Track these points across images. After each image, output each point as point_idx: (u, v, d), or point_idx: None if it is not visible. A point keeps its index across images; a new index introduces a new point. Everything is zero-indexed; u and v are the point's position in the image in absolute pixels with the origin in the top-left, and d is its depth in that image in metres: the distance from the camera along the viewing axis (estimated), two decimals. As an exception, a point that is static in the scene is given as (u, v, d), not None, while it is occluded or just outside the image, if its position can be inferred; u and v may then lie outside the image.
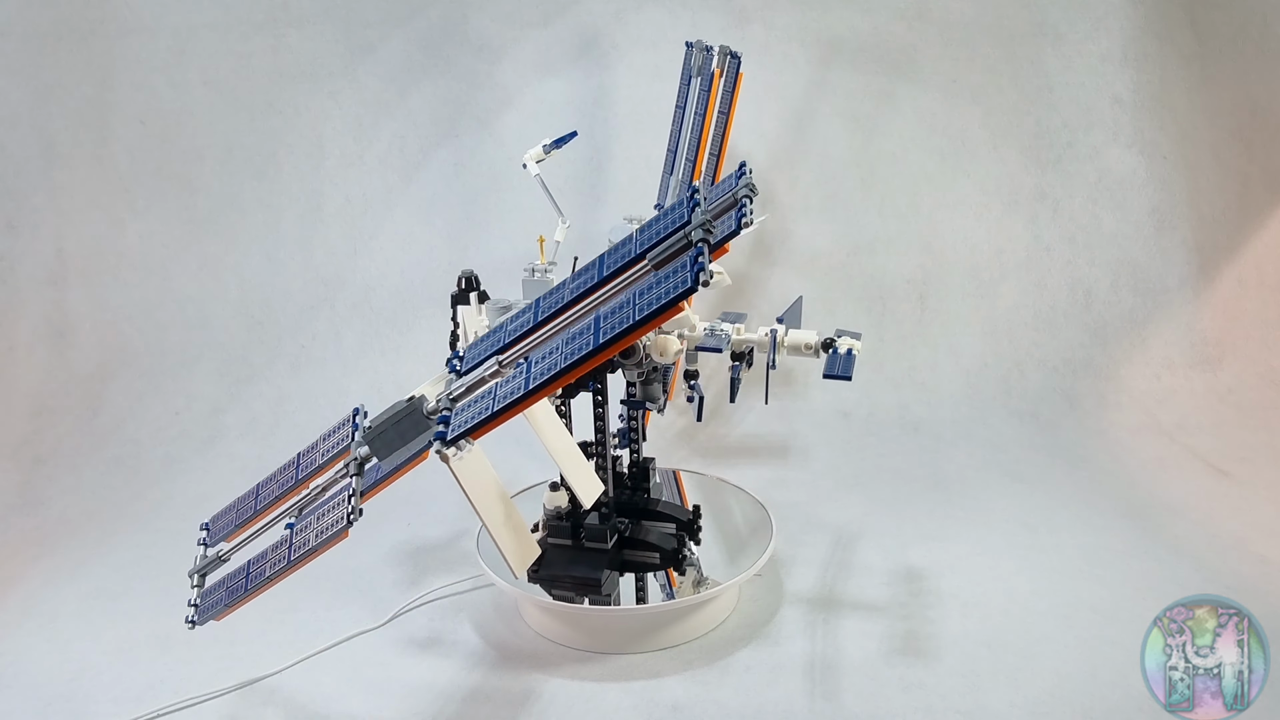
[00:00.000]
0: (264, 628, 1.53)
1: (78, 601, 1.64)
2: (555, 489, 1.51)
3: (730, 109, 1.79)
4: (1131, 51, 2.39)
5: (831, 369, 1.31)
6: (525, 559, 1.17)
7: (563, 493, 1.50)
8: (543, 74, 2.40)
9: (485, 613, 1.56)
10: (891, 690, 1.33)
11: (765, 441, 2.19)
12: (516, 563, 1.15)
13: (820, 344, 1.35)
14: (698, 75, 1.79)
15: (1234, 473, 1.98)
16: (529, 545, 1.19)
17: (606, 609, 1.41)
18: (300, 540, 1.12)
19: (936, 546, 1.72)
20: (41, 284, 2.38)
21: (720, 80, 1.78)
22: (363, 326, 2.39)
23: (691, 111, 1.78)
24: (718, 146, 1.78)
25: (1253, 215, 2.46)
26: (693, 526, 1.57)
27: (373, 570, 1.71)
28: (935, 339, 2.40)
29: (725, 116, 1.78)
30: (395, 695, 1.36)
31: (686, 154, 1.76)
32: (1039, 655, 1.40)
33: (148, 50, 2.36)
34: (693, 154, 1.75)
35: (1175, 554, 1.67)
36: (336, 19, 2.38)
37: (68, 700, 1.38)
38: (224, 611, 1.20)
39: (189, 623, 1.22)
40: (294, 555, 1.11)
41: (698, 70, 1.79)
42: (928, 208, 2.43)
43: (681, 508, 1.60)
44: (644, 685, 1.36)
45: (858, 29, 2.36)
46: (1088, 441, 2.15)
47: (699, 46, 1.79)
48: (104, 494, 2.06)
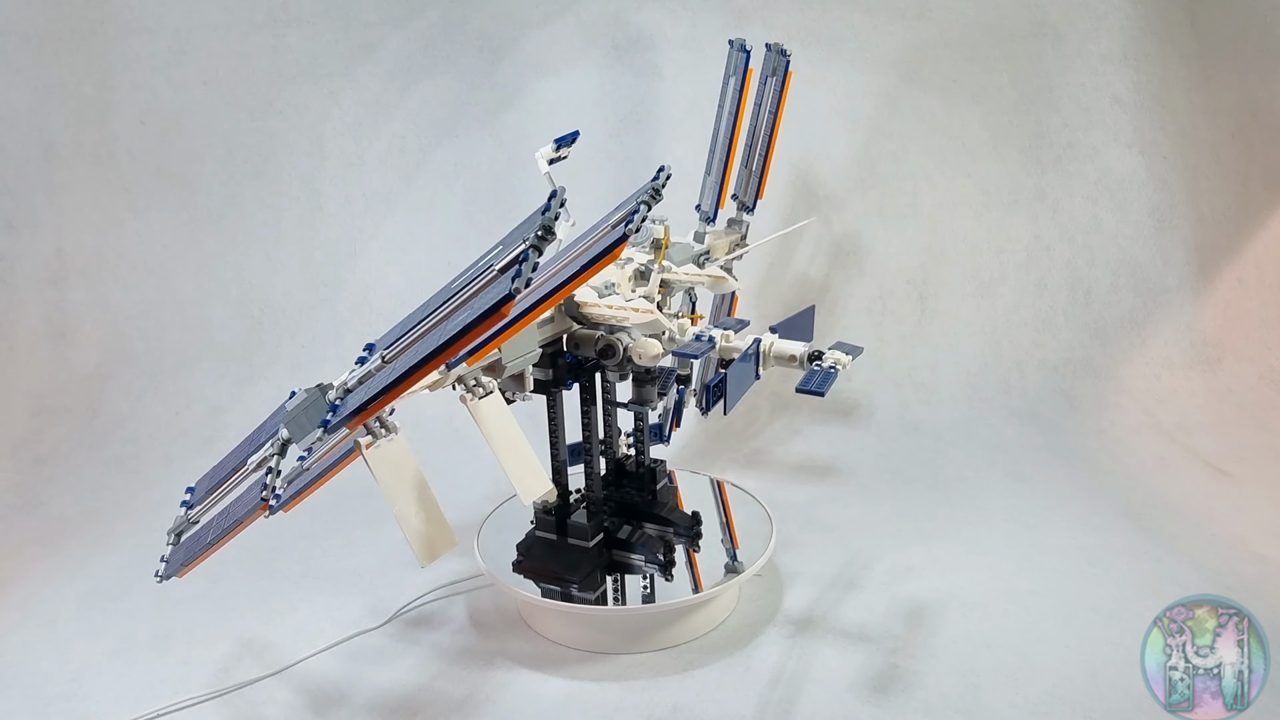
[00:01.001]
0: (264, 628, 1.53)
1: (78, 601, 1.64)
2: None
3: (779, 109, 1.75)
4: (1131, 51, 2.39)
5: (805, 384, 1.24)
6: (434, 548, 1.17)
7: (551, 489, 1.51)
8: (543, 74, 2.40)
9: (485, 613, 1.56)
10: (892, 689, 1.33)
11: (765, 441, 2.19)
12: (421, 550, 1.15)
13: (806, 356, 1.29)
14: (734, 74, 1.73)
15: (1234, 473, 1.98)
16: (441, 535, 1.18)
17: (606, 609, 1.41)
18: (234, 511, 1.15)
19: (937, 546, 1.72)
20: (41, 284, 2.38)
21: (753, 80, 1.73)
22: (362, 326, 2.39)
23: (727, 112, 1.72)
24: (765, 148, 1.75)
25: (1253, 215, 2.46)
26: (692, 532, 1.56)
27: (373, 570, 1.71)
28: (935, 339, 2.40)
29: (774, 116, 1.74)
30: (395, 695, 1.36)
31: (719, 155, 1.73)
32: (1039, 655, 1.40)
33: (148, 50, 2.36)
34: (725, 155, 1.72)
35: (1175, 554, 1.67)
36: (336, 19, 2.38)
37: (68, 700, 1.38)
38: (181, 570, 1.22)
39: (157, 577, 1.25)
40: (227, 524, 1.15)
41: (735, 69, 1.73)
42: (928, 208, 2.43)
43: (682, 514, 1.60)
44: (644, 685, 1.36)
45: (858, 29, 2.37)
46: (1088, 441, 2.15)
47: (738, 45, 1.72)
48: (104, 494, 2.06)
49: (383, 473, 1.11)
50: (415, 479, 1.16)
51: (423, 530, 1.15)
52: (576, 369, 1.44)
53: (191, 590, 1.67)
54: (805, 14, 2.36)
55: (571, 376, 1.43)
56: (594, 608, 1.41)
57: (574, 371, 1.43)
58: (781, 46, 1.77)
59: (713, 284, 1.49)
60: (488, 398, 1.27)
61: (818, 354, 1.28)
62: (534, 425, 1.70)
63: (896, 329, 2.42)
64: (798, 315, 1.40)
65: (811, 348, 1.29)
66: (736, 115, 1.71)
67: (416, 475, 1.17)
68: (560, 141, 1.51)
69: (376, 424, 1.12)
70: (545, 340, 1.35)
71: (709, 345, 1.33)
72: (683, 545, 1.56)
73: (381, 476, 1.11)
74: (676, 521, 1.57)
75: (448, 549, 1.18)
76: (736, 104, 1.71)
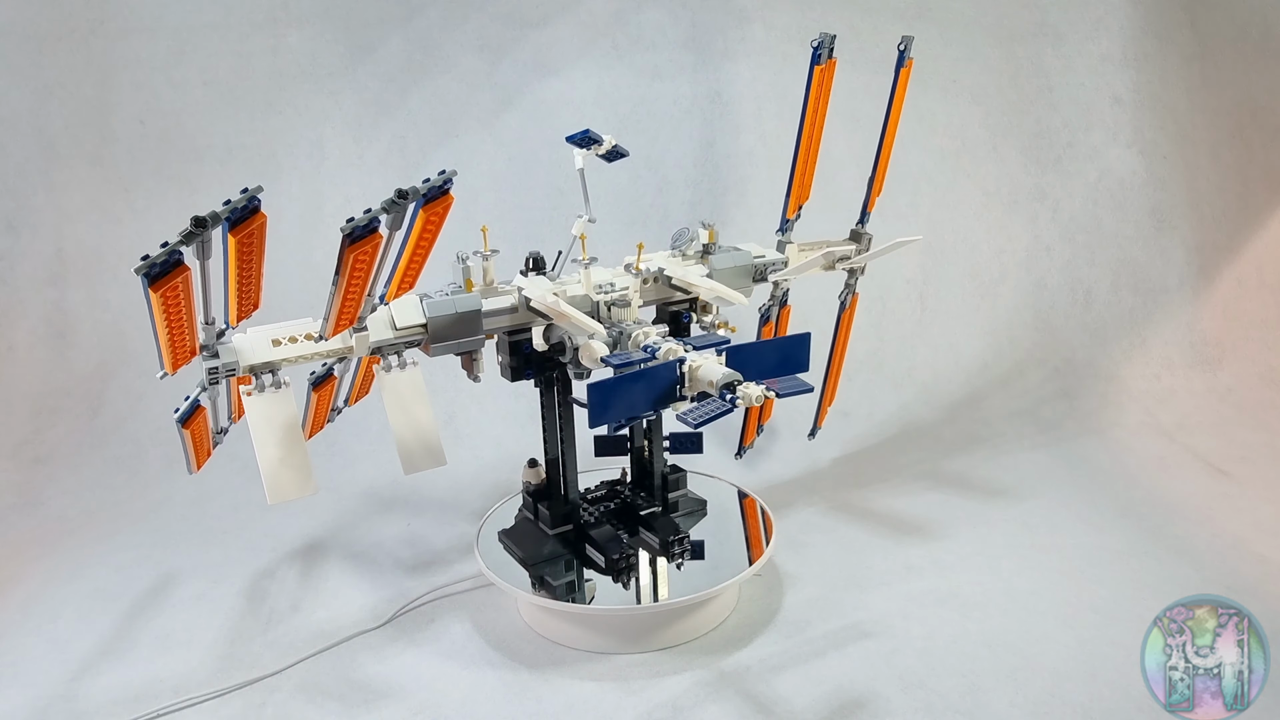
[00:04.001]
0: (264, 628, 1.53)
1: (78, 601, 1.64)
2: (532, 465, 1.57)
3: (895, 107, 1.71)
4: (1131, 51, 2.39)
5: (684, 413, 1.09)
6: (282, 491, 1.26)
7: (539, 469, 1.56)
8: (543, 74, 2.40)
9: (485, 613, 1.56)
10: (891, 690, 1.33)
11: (765, 441, 2.19)
12: (271, 489, 1.25)
13: (722, 384, 1.11)
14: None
15: (1234, 473, 1.98)
16: (294, 482, 1.27)
17: (606, 609, 1.41)
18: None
19: (937, 546, 1.72)
20: (41, 284, 2.38)
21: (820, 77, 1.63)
22: (363, 326, 2.39)
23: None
24: (878, 150, 1.73)
25: (1253, 215, 2.47)
26: (669, 549, 1.49)
27: (372, 571, 1.71)
28: (935, 339, 2.40)
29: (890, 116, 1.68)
30: (395, 695, 1.36)
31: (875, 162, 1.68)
32: (1039, 655, 1.40)
33: (148, 50, 2.36)
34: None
35: (1175, 554, 1.66)
36: (336, 19, 2.38)
37: (68, 700, 1.38)
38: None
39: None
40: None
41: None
42: (928, 208, 2.43)
43: (671, 524, 1.54)
44: (644, 685, 1.36)
45: (858, 29, 2.37)
46: (1088, 441, 2.15)
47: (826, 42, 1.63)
48: (104, 494, 2.06)
49: (253, 418, 1.24)
50: (287, 428, 1.26)
51: (275, 473, 1.25)
52: (541, 361, 1.45)
53: (192, 590, 1.67)
54: (805, 14, 2.36)
55: (533, 368, 1.44)
56: (594, 608, 1.41)
57: (538, 364, 1.45)
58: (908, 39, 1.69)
59: (708, 293, 1.42)
60: (405, 371, 1.34)
61: (733, 384, 1.11)
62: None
63: (896, 329, 2.42)
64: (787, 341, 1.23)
65: (731, 377, 1.12)
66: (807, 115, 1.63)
67: (289, 424, 1.27)
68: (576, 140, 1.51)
69: (267, 377, 1.25)
70: (505, 328, 1.39)
71: (647, 357, 1.22)
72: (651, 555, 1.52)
73: (251, 420, 1.24)
74: (659, 532, 1.52)
75: (297, 496, 1.27)
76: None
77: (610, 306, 1.36)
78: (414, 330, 1.31)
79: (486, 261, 1.38)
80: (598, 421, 1.10)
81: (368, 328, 1.28)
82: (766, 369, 1.20)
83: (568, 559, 1.52)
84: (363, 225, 1.05)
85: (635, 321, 1.35)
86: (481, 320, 1.34)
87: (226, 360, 1.22)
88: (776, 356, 1.22)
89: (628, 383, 1.12)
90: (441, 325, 1.31)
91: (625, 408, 1.12)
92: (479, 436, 2.23)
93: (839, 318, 1.86)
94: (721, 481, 1.78)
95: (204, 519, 1.95)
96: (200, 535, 1.87)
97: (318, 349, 1.27)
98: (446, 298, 1.32)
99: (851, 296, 1.86)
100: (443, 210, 1.14)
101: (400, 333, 1.30)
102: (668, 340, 1.24)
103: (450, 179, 1.10)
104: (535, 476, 1.58)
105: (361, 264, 1.10)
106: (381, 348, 1.31)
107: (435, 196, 1.11)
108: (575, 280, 1.42)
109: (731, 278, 1.53)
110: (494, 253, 1.38)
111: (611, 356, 1.25)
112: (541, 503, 1.56)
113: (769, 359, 1.21)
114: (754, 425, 1.92)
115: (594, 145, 1.50)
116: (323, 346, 1.27)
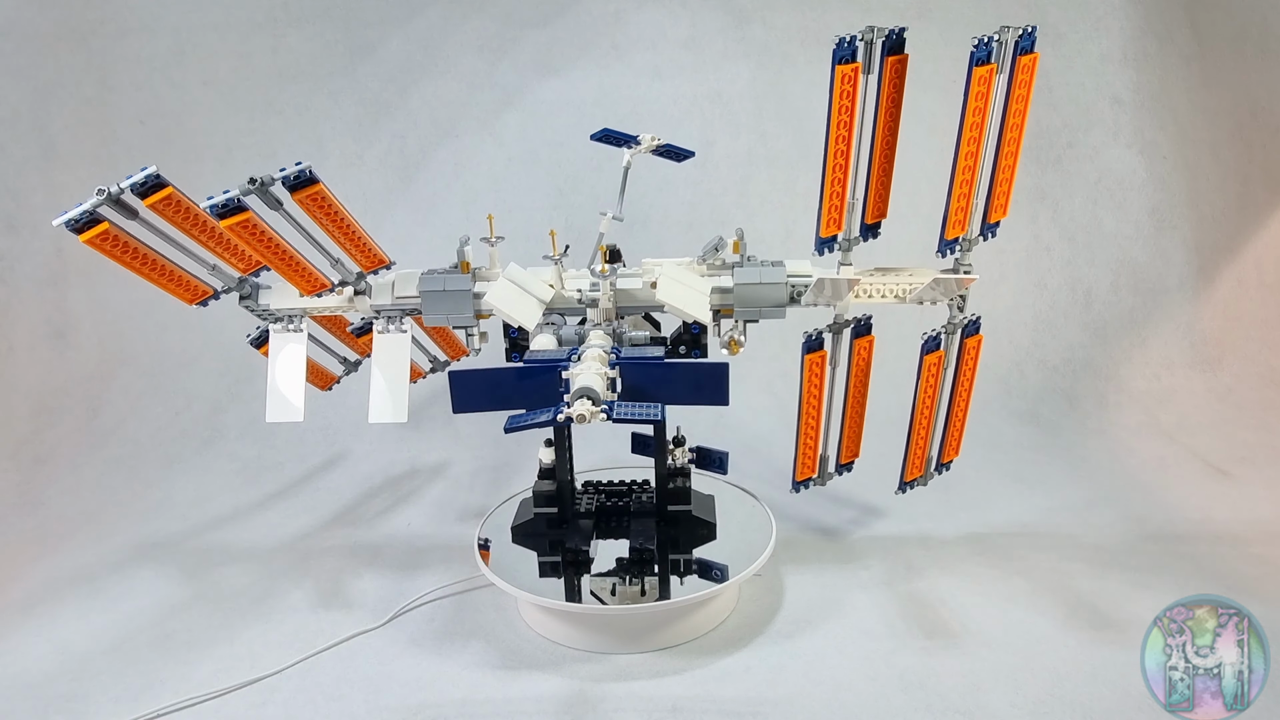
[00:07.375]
0: (264, 628, 1.53)
1: (78, 601, 1.64)
2: (549, 445, 1.58)
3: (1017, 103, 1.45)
4: (1131, 51, 2.39)
5: (515, 419, 1.09)
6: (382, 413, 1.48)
7: (552, 450, 1.59)
8: (543, 74, 2.40)
9: (485, 613, 1.56)
10: (892, 690, 1.33)
11: (765, 441, 2.19)
12: (373, 410, 1.47)
13: (573, 394, 1.11)
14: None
15: (1234, 473, 1.98)
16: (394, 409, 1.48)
17: (606, 609, 1.41)
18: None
19: (937, 546, 1.72)
20: (41, 284, 2.38)
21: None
22: (363, 326, 2.39)
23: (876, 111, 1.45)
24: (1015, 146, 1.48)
25: (1253, 215, 2.47)
26: (632, 559, 1.49)
27: (373, 570, 1.71)
28: (935, 339, 2.40)
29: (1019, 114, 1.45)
30: (395, 695, 1.36)
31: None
32: (1039, 655, 1.40)
33: (148, 50, 2.36)
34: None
35: (1175, 554, 1.67)
36: (336, 19, 2.38)
37: (68, 700, 1.38)
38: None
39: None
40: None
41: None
42: (928, 208, 2.43)
43: (651, 538, 1.51)
44: (644, 685, 1.36)
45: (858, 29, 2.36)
46: (1088, 441, 2.15)
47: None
48: (104, 494, 2.06)
49: (377, 350, 1.50)
50: (399, 364, 1.50)
51: (381, 398, 1.48)
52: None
53: (191, 590, 1.67)
54: (805, 14, 2.36)
55: (519, 353, 1.53)
56: (594, 608, 1.41)
57: (523, 350, 1.51)
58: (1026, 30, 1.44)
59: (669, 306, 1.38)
60: (398, 335, 1.51)
61: (583, 396, 1.09)
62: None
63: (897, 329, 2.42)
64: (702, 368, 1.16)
65: (586, 390, 1.10)
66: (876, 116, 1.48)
67: (401, 362, 1.50)
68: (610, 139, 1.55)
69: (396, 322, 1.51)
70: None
71: (563, 357, 1.22)
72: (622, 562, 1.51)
73: (375, 351, 1.50)
74: (638, 545, 1.50)
75: (391, 420, 1.48)
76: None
77: (587, 306, 1.45)
78: (409, 299, 1.48)
79: (492, 248, 1.47)
80: (459, 408, 1.17)
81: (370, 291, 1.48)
82: (677, 394, 1.15)
83: (549, 538, 1.54)
84: (220, 204, 1.25)
85: (616, 319, 1.45)
86: (470, 300, 1.46)
87: (262, 304, 1.52)
88: (687, 383, 1.16)
89: (492, 376, 1.16)
90: (431, 299, 1.46)
91: (486, 400, 1.19)
92: (479, 436, 2.23)
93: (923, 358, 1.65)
94: (722, 481, 1.78)
95: (203, 519, 1.95)
96: (200, 535, 1.87)
97: (325, 303, 1.50)
98: (439, 275, 1.46)
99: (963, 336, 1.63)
100: (318, 197, 1.29)
101: (397, 300, 1.48)
102: (599, 346, 1.27)
103: (306, 169, 1.25)
104: (547, 456, 1.59)
105: (238, 233, 1.29)
106: (381, 310, 1.49)
107: (301, 185, 1.27)
108: (579, 274, 1.51)
109: (753, 296, 1.46)
110: (499, 239, 1.47)
111: (529, 356, 1.27)
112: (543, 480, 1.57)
113: (679, 384, 1.16)
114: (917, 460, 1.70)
115: (632, 144, 1.54)
116: (329, 301, 1.48)
